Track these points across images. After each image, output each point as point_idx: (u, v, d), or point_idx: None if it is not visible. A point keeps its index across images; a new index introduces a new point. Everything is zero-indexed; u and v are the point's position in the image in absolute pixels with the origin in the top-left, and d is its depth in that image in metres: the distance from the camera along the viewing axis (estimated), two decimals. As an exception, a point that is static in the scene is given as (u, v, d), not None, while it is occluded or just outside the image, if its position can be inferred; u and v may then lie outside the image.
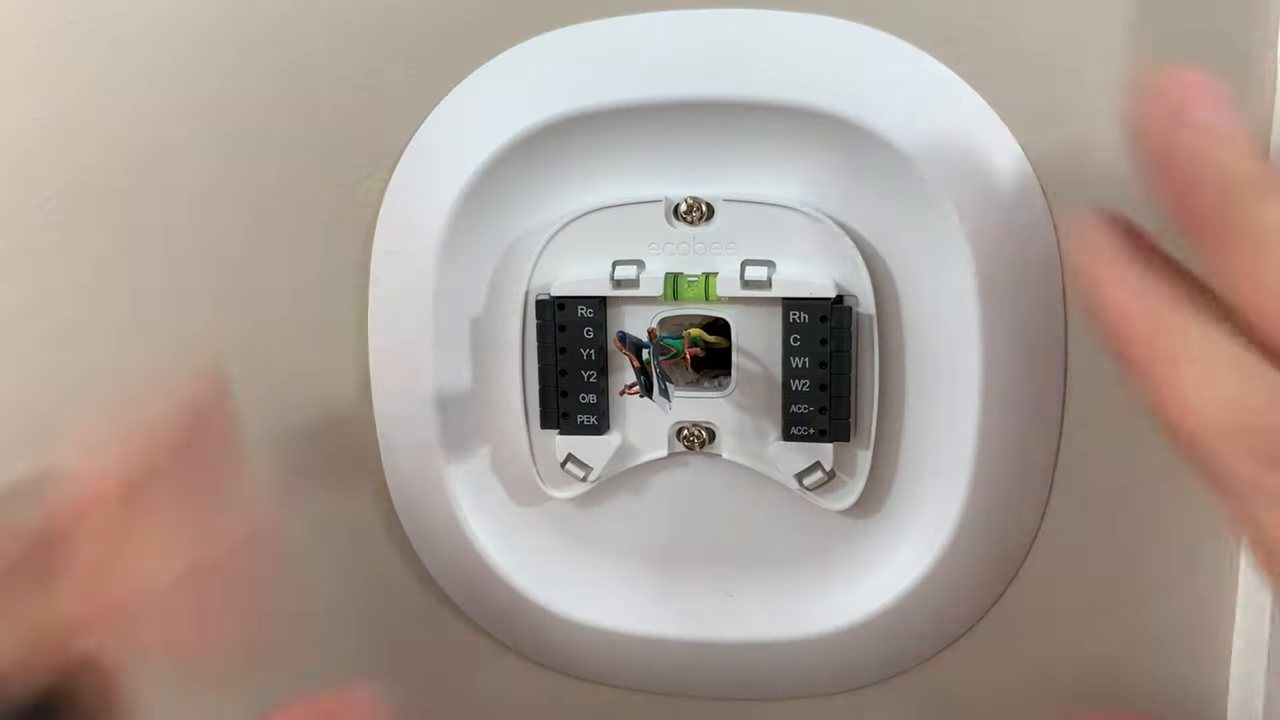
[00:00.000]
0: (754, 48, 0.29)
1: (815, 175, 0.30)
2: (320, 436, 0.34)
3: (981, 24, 0.29)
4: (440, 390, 0.32)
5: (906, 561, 0.31)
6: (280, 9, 0.31)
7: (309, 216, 0.32)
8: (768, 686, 0.34)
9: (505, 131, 0.30)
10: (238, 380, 0.34)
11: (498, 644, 0.35)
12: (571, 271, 0.31)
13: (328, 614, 0.36)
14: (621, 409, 0.32)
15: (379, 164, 0.31)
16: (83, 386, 0.34)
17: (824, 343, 0.30)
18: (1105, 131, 0.29)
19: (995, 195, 0.29)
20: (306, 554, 0.35)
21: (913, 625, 0.32)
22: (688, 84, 0.29)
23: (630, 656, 0.34)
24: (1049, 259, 0.29)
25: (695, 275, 0.30)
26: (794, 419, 0.30)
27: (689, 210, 0.30)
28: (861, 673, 0.34)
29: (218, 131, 0.32)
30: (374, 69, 0.31)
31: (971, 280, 0.29)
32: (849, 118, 0.29)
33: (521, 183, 0.31)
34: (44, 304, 0.34)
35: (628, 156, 0.31)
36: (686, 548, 0.33)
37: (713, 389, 0.31)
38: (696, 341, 0.31)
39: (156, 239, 0.33)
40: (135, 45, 0.32)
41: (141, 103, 0.32)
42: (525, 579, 0.33)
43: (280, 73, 0.31)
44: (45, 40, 0.32)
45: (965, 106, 0.29)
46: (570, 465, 0.32)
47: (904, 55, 0.29)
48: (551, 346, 0.31)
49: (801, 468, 0.31)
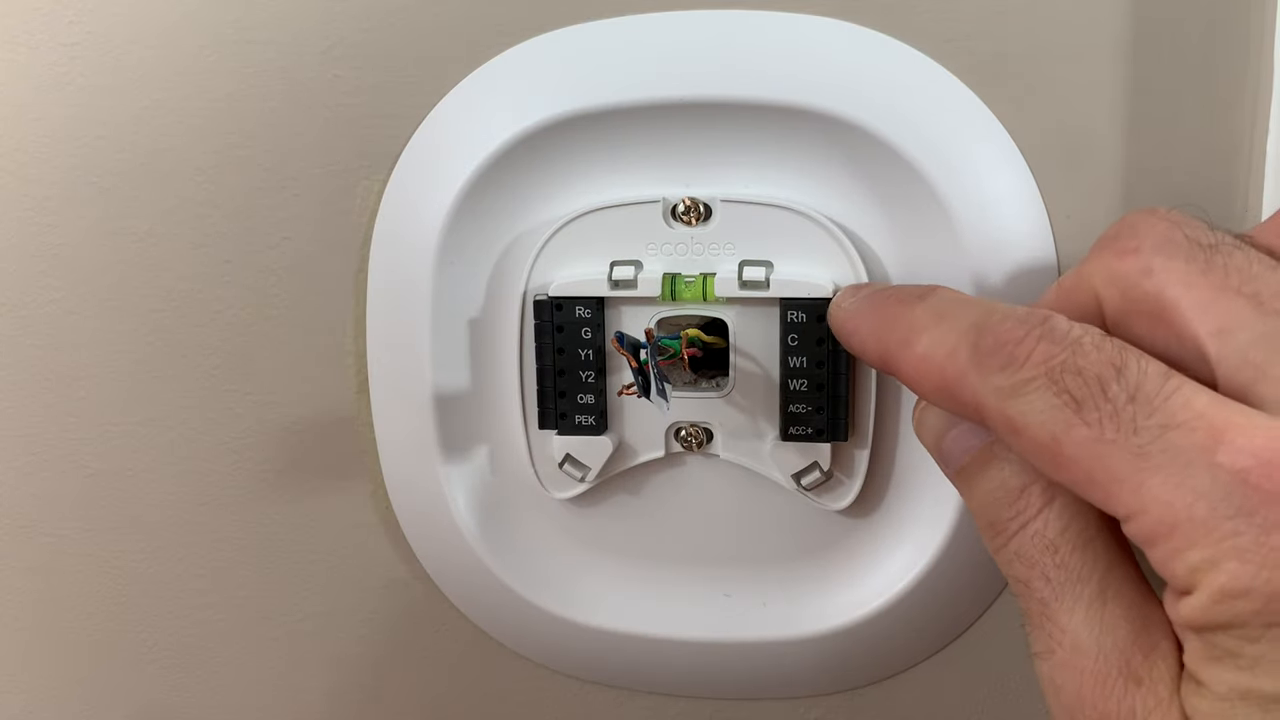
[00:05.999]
0: (752, 48, 0.29)
1: (813, 175, 0.30)
2: (319, 436, 0.34)
3: (980, 25, 0.29)
4: (438, 390, 0.32)
5: (904, 561, 0.31)
6: (280, 9, 0.31)
7: (308, 216, 0.32)
8: (766, 686, 0.34)
9: (503, 132, 0.30)
10: (237, 380, 0.34)
11: (496, 644, 0.35)
12: (569, 272, 0.31)
13: (325, 614, 0.36)
14: (619, 409, 0.32)
15: (378, 164, 0.32)
16: (82, 387, 0.35)
17: (821, 343, 0.30)
18: (1104, 131, 0.29)
19: (993, 195, 0.29)
20: (305, 553, 0.35)
21: (911, 624, 0.32)
22: (686, 84, 0.29)
23: (627, 656, 0.34)
24: (1046, 259, 0.29)
25: (693, 276, 0.30)
26: (792, 419, 0.30)
27: (687, 211, 0.30)
28: (860, 672, 0.34)
29: (217, 131, 0.32)
30: (373, 69, 0.31)
31: (969, 281, 0.29)
32: (847, 118, 0.29)
33: (520, 183, 0.31)
34: (43, 304, 0.34)
35: (626, 157, 0.31)
36: (684, 548, 0.33)
37: (710, 389, 0.31)
38: (694, 342, 0.31)
39: (155, 239, 0.33)
40: (135, 45, 0.32)
41: (141, 103, 0.32)
42: (523, 579, 0.33)
43: (279, 73, 0.31)
44: (45, 40, 0.32)
45: (963, 107, 0.29)
46: (568, 465, 0.32)
47: (902, 56, 0.29)
48: (549, 347, 0.31)
49: (799, 468, 0.31)
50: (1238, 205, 0.28)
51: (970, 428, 0.23)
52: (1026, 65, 0.29)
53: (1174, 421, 0.19)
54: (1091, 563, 0.21)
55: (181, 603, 0.36)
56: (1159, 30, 0.28)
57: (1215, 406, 0.19)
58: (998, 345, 0.21)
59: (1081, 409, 0.20)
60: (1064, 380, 0.20)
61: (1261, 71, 0.27)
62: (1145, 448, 0.19)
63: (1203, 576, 0.19)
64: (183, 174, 0.32)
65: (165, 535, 0.36)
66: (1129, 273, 0.21)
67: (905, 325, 0.24)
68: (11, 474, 0.36)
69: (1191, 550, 0.19)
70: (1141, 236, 0.21)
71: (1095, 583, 0.21)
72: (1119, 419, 0.19)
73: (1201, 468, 0.18)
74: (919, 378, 0.23)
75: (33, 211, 0.33)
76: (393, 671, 0.36)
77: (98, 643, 0.37)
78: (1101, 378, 0.20)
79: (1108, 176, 0.29)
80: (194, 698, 0.37)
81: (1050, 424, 0.20)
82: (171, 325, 0.34)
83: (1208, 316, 0.20)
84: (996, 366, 0.21)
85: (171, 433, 0.35)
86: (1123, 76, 0.28)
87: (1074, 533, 0.22)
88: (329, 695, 0.37)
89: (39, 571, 0.37)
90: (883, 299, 0.25)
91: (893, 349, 0.24)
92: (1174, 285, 0.20)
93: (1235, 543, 0.18)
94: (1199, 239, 0.21)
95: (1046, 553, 0.22)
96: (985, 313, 0.22)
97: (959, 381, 0.22)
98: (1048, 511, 0.22)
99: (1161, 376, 0.19)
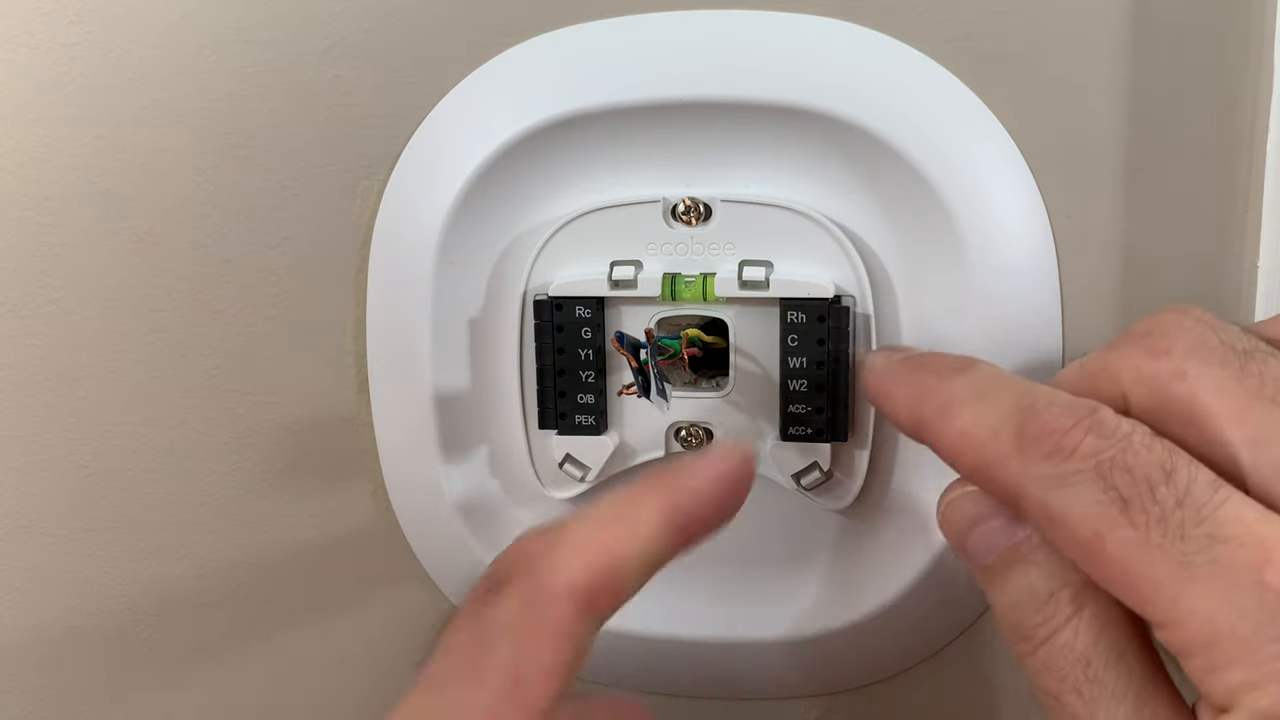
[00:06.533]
0: (752, 48, 0.29)
1: (813, 175, 0.30)
2: (319, 436, 0.34)
3: (981, 25, 0.29)
4: (438, 390, 0.32)
5: (904, 560, 0.31)
6: (280, 9, 0.31)
7: (308, 216, 0.32)
8: (766, 686, 0.34)
9: (504, 132, 0.30)
10: (237, 380, 0.34)
11: (496, 644, 0.35)
12: (569, 272, 0.31)
13: (326, 614, 0.36)
14: (619, 409, 0.32)
15: (378, 164, 0.32)
16: (82, 387, 0.35)
17: (821, 343, 0.30)
18: (1103, 132, 0.29)
19: (992, 195, 0.29)
20: (305, 553, 0.35)
21: (911, 624, 0.32)
22: (686, 84, 0.29)
23: (627, 657, 0.34)
24: (1047, 259, 0.29)
25: (693, 276, 0.30)
26: (792, 419, 0.30)
27: (687, 211, 0.30)
28: (860, 672, 0.34)
29: (217, 131, 0.32)
30: (373, 69, 0.31)
31: (968, 280, 0.29)
32: (847, 118, 0.29)
33: (520, 183, 0.31)
34: (43, 304, 0.34)
35: (626, 157, 0.31)
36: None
37: (710, 389, 0.31)
38: (694, 342, 0.31)
39: (155, 239, 0.33)
40: (135, 45, 0.32)
41: (141, 103, 0.32)
42: (523, 579, 0.33)
43: (279, 73, 0.31)
44: (45, 40, 0.32)
45: (963, 107, 0.29)
46: (568, 465, 0.32)
47: (902, 56, 0.29)
48: (549, 347, 0.31)
49: (799, 468, 0.31)
50: (1238, 205, 0.28)
51: (997, 526, 0.23)
52: (1026, 65, 0.29)
53: (1222, 534, 0.19)
54: (1127, 678, 0.21)
55: (181, 602, 0.36)
56: (1159, 30, 0.28)
57: (1265, 523, 0.19)
58: (1044, 433, 0.21)
59: (1128, 508, 0.19)
60: (1112, 477, 0.20)
61: (1261, 71, 0.27)
62: (1190, 557, 0.19)
63: (1243, 697, 0.18)
64: (183, 174, 0.32)
65: (165, 535, 0.36)
66: (1160, 374, 0.21)
67: (944, 397, 0.23)
68: (11, 474, 0.36)
69: (1232, 669, 0.18)
70: (1174, 338, 0.21)
71: (1131, 699, 0.20)
72: (1166, 524, 0.19)
73: (1249, 585, 0.18)
74: (956, 454, 0.23)
75: (33, 211, 0.33)
76: (393, 671, 0.36)
77: (98, 643, 0.37)
78: (1151, 479, 0.19)
79: (1108, 176, 0.29)
80: (194, 698, 0.37)
81: (1094, 520, 0.20)
82: (171, 325, 0.34)
83: (1243, 425, 0.20)
84: (1042, 455, 0.21)
85: (171, 433, 0.35)
86: (1123, 76, 0.28)
87: (1106, 644, 0.21)
88: (329, 695, 0.37)
89: (39, 571, 0.37)
90: (919, 366, 0.25)
91: (930, 420, 0.23)
92: (1208, 390, 0.20)
93: (1278, 666, 0.18)
94: (1233, 344, 0.21)
95: (1078, 665, 0.21)
96: (1030, 395, 0.22)
97: (1000, 464, 0.21)
98: (1077, 620, 0.21)
99: (1211, 486, 0.19)
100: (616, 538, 0.23)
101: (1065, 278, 0.30)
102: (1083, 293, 0.30)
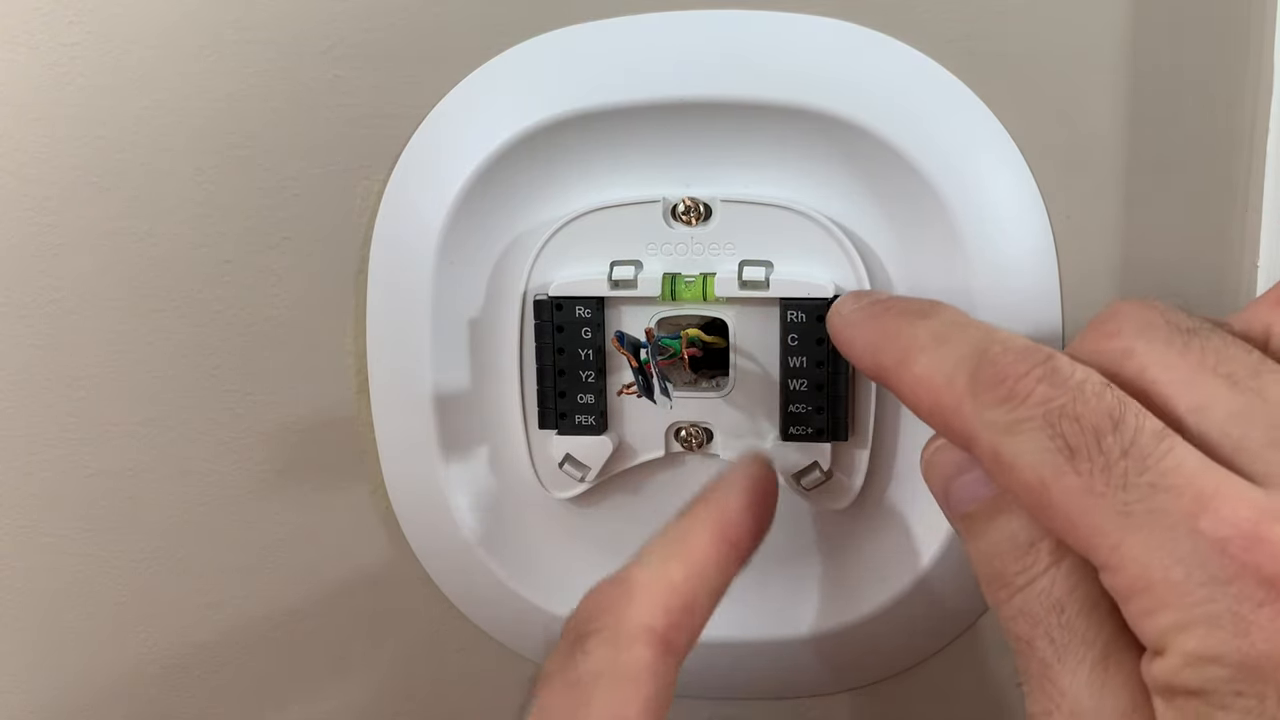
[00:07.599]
0: (752, 48, 0.29)
1: (813, 175, 0.30)
2: (319, 436, 0.34)
3: (980, 25, 0.29)
4: (438, 390, 0.32)
5: (904, 560, 0.31)
6: (280, 9, 0.31)
7: (308, 216, 0.32)
8: (766, 686, 0.34)
9: (503, 132, 0.30)
10: (237, 380, 0.34)
11: (496, 643, 0.35)
12: (569, 272, 0.31)
13: (326, 613, 0.36)
14: (619, 409, 0.32)
15: (378, 164, 0.32)
16: (82, 387, 0.35)
17: (821, 342, 0.30)
18: (1103, 132, 0.29)
19: (993, 195, 0.29)
20: (305, 553, 0.35)
21: (911, 624, 0.32)
22: (686, 84, 0.29)
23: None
24: (1046, 259, 0.29)
25: (693, 275, 0.30)
26: (792, 419, 0.30)
27: (687, 211, 0.30)
28: (860, 672, 0.34)
29: (217, 131, 0.32)
30: (373, 69, 0.31)
31: (968, 280, 0.29)
32: (847, 118, 0.29)
33: (520, 183, 0.31)
34: (43, 304, 0.34)
35: (626, 157, 0.31)
36: (684, 548, 0.33)
37: (710, 389, 0.31)
38: (694, 342, 0.31)
39: (155, 239, 0.33)
40: (135, 45, 0.32)
41: (141, 103, 0.32)
42: (523, 579, 0.33)
43: (279, 73, 0.31)
44: (45, 40, 0.32)
45: (963, 107, 0.29)
46: (568, 465, 0.32)
47: (902, 56, 0.29)
48: (549, 347, 0.31)
49: (799, 467, 0.31)
50: (1238, 205, 0.28)
51: (982, 475, 0.23)
52: (1026, 65, 0.29)
53: (1164, 483, 0.19)
54: (1098, 626, 0.21)
55: (182, 603, 0.36)
56: (1159, 30, 0.28)
57: (1204, 472, 0.19)
58: (997, 378, 0.21)
59: (1074, 457, 0.20)
60: (1060, 425, 0.20)
61: (1261, 71, 0.27)
62: (1132, 505, 0.19)
63: (1174, 639, 0.19)
64: (183, 174, 0.32)
65: (165, 535, 0.36)
66: (1111, 352, 0.22)
67: (904, 342, 0.24)
68: (12, 474, 0.36)
69: (1164, 612, 0.19)
70: (1123, 320, 0.22)
71: (1100, 646, 0.21)
72: (1110, 473, 0.20)
73: (1183, 533, 0.19)
74: (914, 399, 0.23)
75: (33, 211, 0.33)
76: (393, 671, 0.36)
77: (98, 643, 0.37)
78: (1098, 428, 0.20)
79: (1108, 176, 0.29)
80: (194, 698, 0.37)
81: (1040, 468, 0.20)
82: (171, 325, 0.34)
83: (1186, 394, 0.21)
84: (994, 400, 0.21)
85: (171, 433, 0.35)
86: (1123, 76, 0.28)
87: (1081, 594, 0.21)
88: (329, 695, 0.37)
89: (39, 571, 0.37)
90: (883, 310, 0.25)
91: (889, 365, 0.24)
92: (1154, 366, 0.21)
93: (1207, 609, 0.18)
94: (1178, 323, 0.21)
95: (1052, 612, 0.21)
96: (987, 340, 0.22)
97: (954, 409, 0.22)
98: (1055, 570, 0.22)
99: (1157, 436, 0.20)
100: (682, 574, 0.24)
101: (1065, 278, 0.30)
102: (1083, 293, 0.30)
